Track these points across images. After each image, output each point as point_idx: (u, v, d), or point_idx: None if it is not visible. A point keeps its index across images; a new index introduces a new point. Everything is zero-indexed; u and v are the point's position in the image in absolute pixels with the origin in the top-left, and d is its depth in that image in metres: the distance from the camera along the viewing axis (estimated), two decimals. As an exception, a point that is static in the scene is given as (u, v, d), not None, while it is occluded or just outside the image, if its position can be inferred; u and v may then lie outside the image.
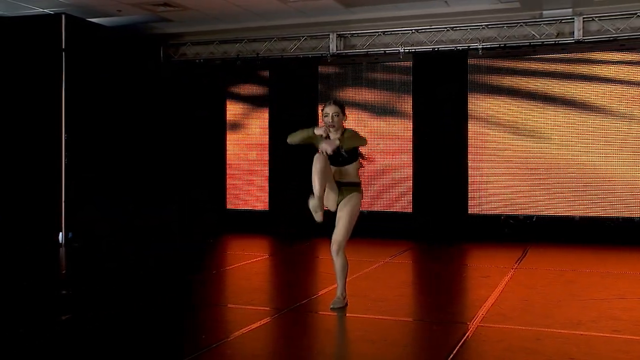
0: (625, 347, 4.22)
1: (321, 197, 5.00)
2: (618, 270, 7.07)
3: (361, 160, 5.28)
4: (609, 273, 6.93)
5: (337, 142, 4.98)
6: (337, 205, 5.22)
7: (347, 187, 5.19)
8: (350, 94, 10.20)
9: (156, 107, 10.74)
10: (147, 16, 9.80)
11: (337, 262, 5.19)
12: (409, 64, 9.85)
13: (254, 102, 10.83)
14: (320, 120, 5.24)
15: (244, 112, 10.91)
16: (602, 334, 4.52)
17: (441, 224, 9.62)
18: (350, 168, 5.19)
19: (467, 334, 4.51)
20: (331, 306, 5.20)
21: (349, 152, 5.12)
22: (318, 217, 5.14)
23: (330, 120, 5.11)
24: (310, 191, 4.96)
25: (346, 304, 5.25)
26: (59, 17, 8.97)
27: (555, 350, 4.16)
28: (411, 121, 9.84)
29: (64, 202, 8.89)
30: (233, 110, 10.93)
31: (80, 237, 9.02)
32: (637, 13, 8.70)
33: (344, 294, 5.28)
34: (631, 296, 5.75)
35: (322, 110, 5.20)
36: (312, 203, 5.03)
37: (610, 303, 5.47)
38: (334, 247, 5.15)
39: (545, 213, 9.28)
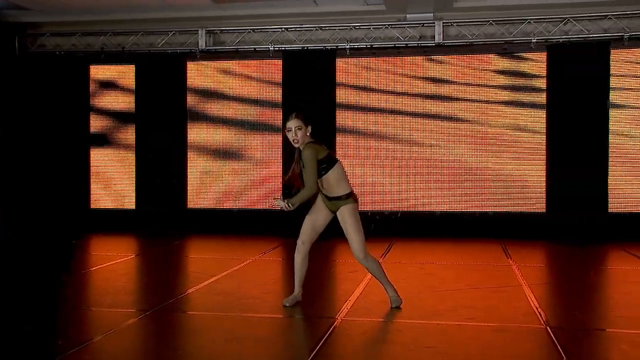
0: (477, 334, 4.51)
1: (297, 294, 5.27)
2: (472, 262, 7.54)
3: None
4: (464, 265, 7.37)
5: (283, 204, 4.95)
6: (330, 215, 5.22)
7: (333, 201, 5.12)
8: (217, 106, 10.15)
9: (12, 100, 10.07)
10: (-1, 2, 9.18)
11: (371, 266, 5.15)
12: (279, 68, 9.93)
13: (119, 102, 10.45)
14: (286, 134, 4.99)
15: (108, 114, 10.49)
16: (457, 323, 4.79)
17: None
18: (330, 178, 5.04)
19: (332, 328, 4.62)
20: (393, 305, 5.16)
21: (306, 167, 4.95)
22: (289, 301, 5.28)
23: (294, 135, 4.95)
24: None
25: (401, 301, 5.21)
26: None
27: (413, 340, 4.36)
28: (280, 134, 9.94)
29: None
30: (98, 117, 10.49)
31: None
32: (489, 21, 9.30)
33: (395, 292, 5.22)
34: (483, 286, 6.14)
35: (285, 125, 5.01)
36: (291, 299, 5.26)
37: (465, 293, 5.82)
38: (360, 259, 5.08)
39: (409, 209, 9.71)
